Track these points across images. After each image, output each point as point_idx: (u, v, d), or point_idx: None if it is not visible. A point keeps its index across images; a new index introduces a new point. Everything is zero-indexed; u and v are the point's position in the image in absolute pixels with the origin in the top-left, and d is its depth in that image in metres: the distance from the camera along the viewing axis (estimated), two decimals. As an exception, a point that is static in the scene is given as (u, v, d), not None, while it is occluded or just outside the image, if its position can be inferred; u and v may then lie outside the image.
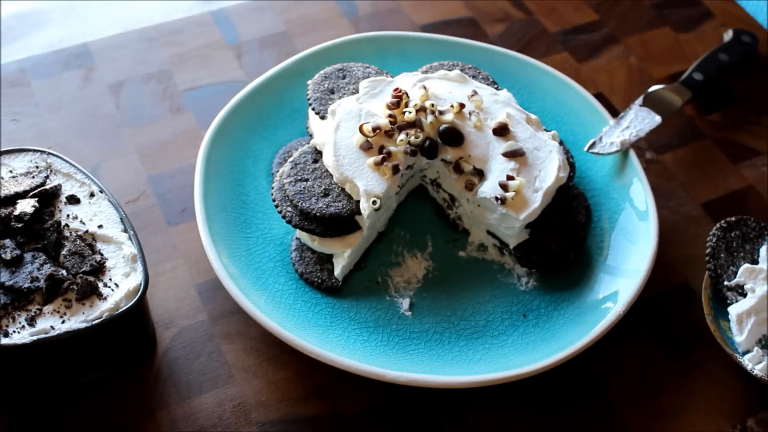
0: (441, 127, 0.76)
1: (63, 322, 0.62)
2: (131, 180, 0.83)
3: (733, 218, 0.78)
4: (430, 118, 0.75)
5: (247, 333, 0.73)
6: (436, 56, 0.87)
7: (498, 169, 0.75)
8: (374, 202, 0.71)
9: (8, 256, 0.63)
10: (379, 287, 0.76)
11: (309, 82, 0.82)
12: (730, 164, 0.89)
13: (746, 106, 0.95)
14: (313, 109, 0.79)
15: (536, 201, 0.73)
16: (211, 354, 0.72)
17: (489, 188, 0.74)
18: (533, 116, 0.79)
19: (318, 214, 0.72)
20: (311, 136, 0.81)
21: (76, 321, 0.62)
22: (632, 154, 0.81)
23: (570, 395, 0.72)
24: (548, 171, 0.75)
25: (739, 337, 0.72)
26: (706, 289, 0.76)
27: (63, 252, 0.65)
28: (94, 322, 0.62)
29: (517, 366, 0.68)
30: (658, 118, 0.86)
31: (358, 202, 0.72)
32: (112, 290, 0.64)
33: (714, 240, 0.77)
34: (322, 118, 0.78)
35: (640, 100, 0.87)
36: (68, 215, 0.68)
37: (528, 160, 0.75)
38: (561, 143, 0.80)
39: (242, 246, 0.75)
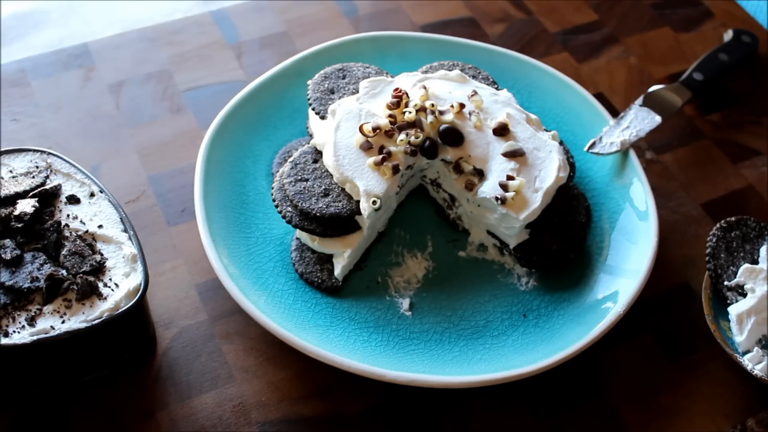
0: (441, 127, 0.76)
1: (63, 322, 0.62)
2: (131, 180, 0.83)
3: (733, 218, 0.78)
4: (430, 118, 0.75)
5: (247, 333, 0.73)
6: (436, 56, 0.87)
7: (498, 169, 0.75)
8: (374, 202, 0.71)
9: (8, 256, 0.63)
10: (379, 287, 0.76)
11: (309, 82, 0.82)
12: (730, 164, 0.89)
13: (746, 106, 0.95)
14: (313, 109, 0.79)
15: (536, 201, 0.73)
16: (211, 354, 0.72)
17: (489, 188, 0.74)
18: (533, 116, 0.79)
19: (318, 214, 0.72)
20: (311, 136, 0.81)
21: (76, 321, 0.62)
22: (632, 154, 0.81)
23: (570, 395, 0.72)
24: (548, 171, 0.75)
25: (739, 337, 0.72)
26: (706, 289, 0.76)
27: (63, 252, 0.65)
28: (94, 322, 0.62)
29: (517, 366, 0.68)
30: (658, 118, 0.86)
31: (358, 202, 0.72)
32: (112, 290, 0.64)
33: (714, 240, 0.77)
34: (322, 118, 0.78)
35: (640, 100, 0.87)
36: (68, 215, 0.68)
37: (528, 160, 0.75)
38: (561, 143, 0.80)
39: (242, 246, 0.75)
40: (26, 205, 0.66)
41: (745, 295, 0.74)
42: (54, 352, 0.63)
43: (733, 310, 0.73)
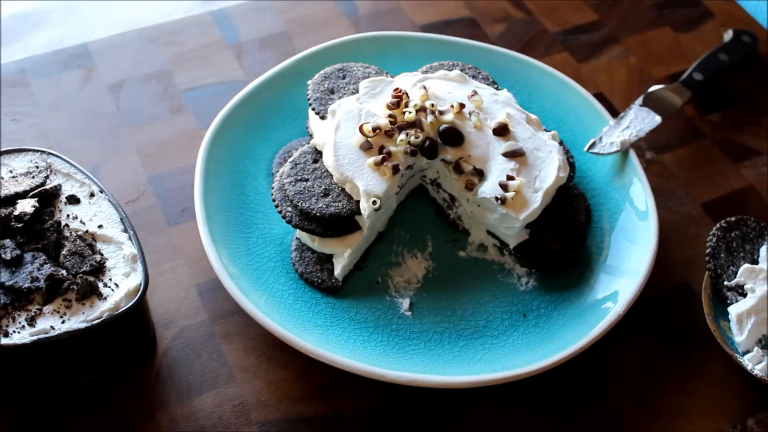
0: (441, 127, 0.76)
1: (63, 322, 0.62)
2: (131, 180, 0.83)
3: (733, 218, 0.78)
4: (430, 118, 0.75)
5: (247, 333, 0.73)
6: (436, 56, 0.87)
7: (498, 169, 0.75)
8: (374, 202, 0.71)
9: (8, 256, 0.63)
10: (379, 287, 0.76)
11: (309, 82, 0.82)
12: (730, 164, 0.89)
13: (746, 106, 0.95)
14: (313, 109, 0.79)
15: (536, 201, 0.73)
16: (211, 354, 0.72)
17: (489, 188, 0.74)
18: (533, 116, 0.79)
19: (318, 214, 0.72)
20: (311, 136, 0.81)
21: (76, 321, 0.62)
22: (632, 154, 0.81)
23: (570, 395, 0.72)
24: (548, 171, 0.75)
25: (739, 337, 0.72)
26: (706, 289, 0.76)
27: (63, 252, 0.65)
28: (94, 322, 0.62)
29: (517, 366, 0.68)
30: (658, 118, 0.86)
31: (358, 202, 0.72)
32: (112, 290, 0.64)
33: (714, 240, 0.77)
34: (322, 118, 0.78)
35: (640, 100, 0.87)
36: (68, 215, 0.68)
37: (528, 160, 0.75)
38: (561, 143, 0.80)
39: (242, 246, 0.75)
40: (26, 205, 0.66)
41: (745, 295, 0.74)
42: (54, 352, 0.63)
43: (733, 310, 0.73)
